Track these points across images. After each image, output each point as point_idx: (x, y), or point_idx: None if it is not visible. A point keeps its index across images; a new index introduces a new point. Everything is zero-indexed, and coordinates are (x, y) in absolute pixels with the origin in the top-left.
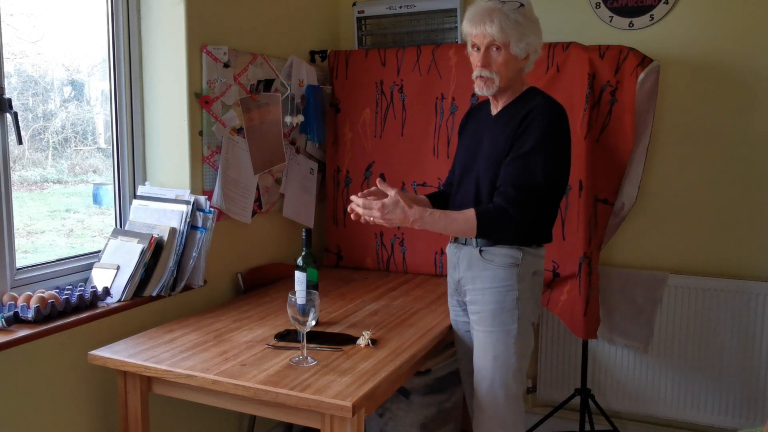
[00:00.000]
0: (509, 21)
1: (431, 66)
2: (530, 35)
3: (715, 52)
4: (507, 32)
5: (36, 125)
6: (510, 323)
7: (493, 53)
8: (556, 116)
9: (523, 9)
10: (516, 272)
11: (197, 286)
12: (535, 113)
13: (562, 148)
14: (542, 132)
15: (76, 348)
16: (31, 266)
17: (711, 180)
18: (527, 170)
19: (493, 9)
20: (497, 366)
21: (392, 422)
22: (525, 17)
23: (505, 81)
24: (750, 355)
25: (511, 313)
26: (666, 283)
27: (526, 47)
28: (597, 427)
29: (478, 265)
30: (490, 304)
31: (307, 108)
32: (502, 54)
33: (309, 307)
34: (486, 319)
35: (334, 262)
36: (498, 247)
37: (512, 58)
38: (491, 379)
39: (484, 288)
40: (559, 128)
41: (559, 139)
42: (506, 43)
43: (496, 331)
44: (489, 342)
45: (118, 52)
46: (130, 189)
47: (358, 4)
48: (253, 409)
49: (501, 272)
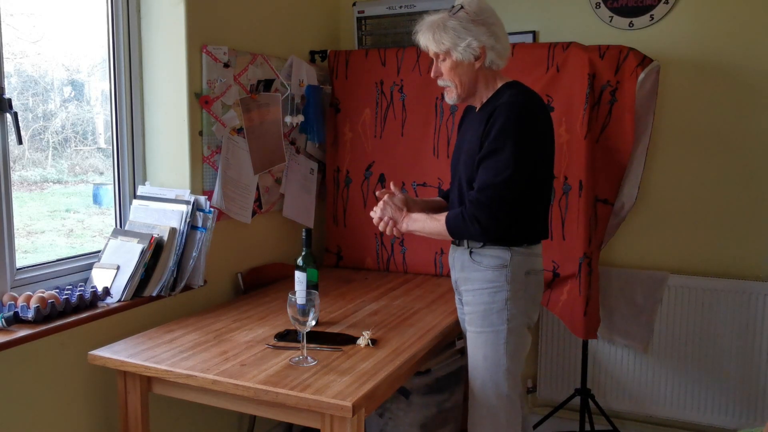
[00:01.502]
0: (444, 29)
1: (431, 66)
2: (468, 36)
3: (715, 52)
4: (441, 41)
5: (36, 125)
6: (499, 324)
7: (441, 63)
8: (519, 111)
9: (462, 12)
10: (505, 273)
11: (197, 286)
12: (499, 112)
13: (529, 142)
14: (504, 130)
15: (76, 348)
16: (31, 266)
17: (711, 180)
18: (496, 169)
19: (431, 22)
20: (488, 366)
21: (392, 422)
22: (461, 20)
23: (462, 87)
24: (750, 354)
25: (500, 314)
26: (666, 283)
27: (467, 50)
28: (597, 427)
29: (470, 267)
30: (480, 305)
31: (307, 108)
32: (447, 63)
33: (309, 307)
34: (476, 320)
35: (334, 262)
36: (487, 248)
37: (457, 63)
38: (482, 379)
39: (474, 289)
40: (523, 123)
41: (525, 133)
42: (446, 50)
43: (486, 332)
44: (479, 342)
45: (118, 52)
46: (130, 189)
47: (358, 4)
48: (253, 409)
49: (489, 273)
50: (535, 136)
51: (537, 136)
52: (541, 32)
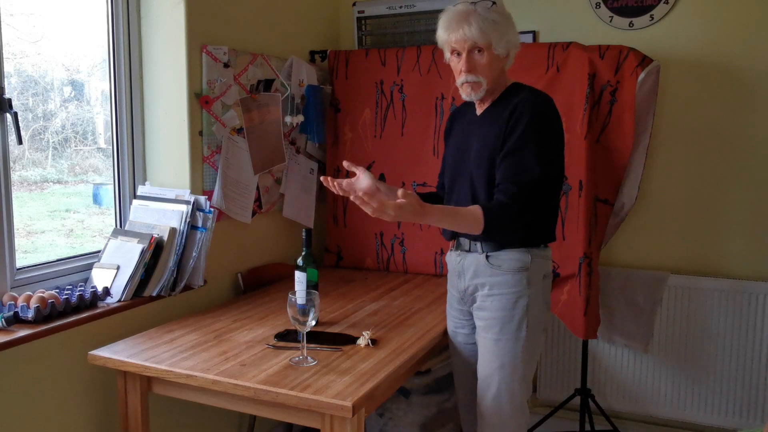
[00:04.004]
0: (487, 21)
1: (431, 66)
2: (509, 32)
3: (715, 52)
4: (487, 33)
5: (36, 125)
6: (519, 331)
7: (476, 56)
8: (543, 108)
9: (495, 7)
10: (525, 276)
11: (197, 286)
12: (522, 107)
13: (552, 140)
14: (531, 126)
15: (76, 348)
16: (31, 266)
17: (711, 180)
18: (523, 166)
19: (468, 12)
20: (504, 375)
21: (392, 422)
22: (500, 15)
23: (491, 83)
24: (750, 355)
25: (520, 320)
26: (666, 283)
27: (506, 45)
28: (597, 427)
29: (486, 272)
30: (499, 311)
31: (307, 108)
32: (485, 56)
33: (309, 307)
34: (494, 326)
35: (334, 262)
36: (505, 251)
37: (495, 58)
38: (497, 388)
39: (492, 295)
40: (547, 120)
41: (549, 131)
42: (488, 44)
43: (504, 339)
44: (496, 350)
45: (118, 52)
46: (130, 189)
47: (358, 4)
48: (253, 409)
49: (509, 278)
50: (559, 133)
51: (560, 133)
52: (541, 32)
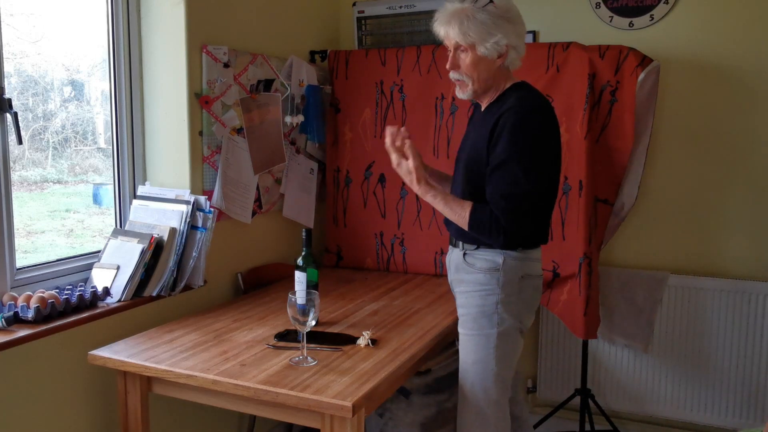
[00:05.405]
0: (473, 21)
1: (431, 66)
2: (497, 33)
3: (715, 52)
4: (469, 34)
5: (36, 125)
6: (489, 328)
7: (461, 55)
8: (527, 118)
9: (491, 6)
10: (497, 277)
11: (197, 286)
12: (505, 118)
13: (538, 150)
14: (514, 138)
15: (76, 348)
16: (31, 266)
17: (711, 180)
18: (510, 180)
19: (457, 11)
20: (477, 370)
21: (392, 422)
22: (492, 15)
23: (479, 83)
24: (750, 355)
25: (490, 317)
26: (666, 283)
27: (494, 46)
28: (597, 427)
29: (463, 269)
30: (472, 308)
31: (307, 108)
32: (469, 55)
33: (309, 307)
34: (467, 322)
35: (334, 262)
36: (480, 250)
37: (481, 58)
38: (472, 382)
39: (466, 291)
40: (532, 130)
41: (535, 141)
42: (471, 44)
43: (476, 335)
44: (470, 345)
45: (118, 52)
46: (130, 189)
47: (358, 4)
48: (253, 409)
49: (481, 276)
50: (549, 141)
51: (550, 140)
52: (541, 32)
